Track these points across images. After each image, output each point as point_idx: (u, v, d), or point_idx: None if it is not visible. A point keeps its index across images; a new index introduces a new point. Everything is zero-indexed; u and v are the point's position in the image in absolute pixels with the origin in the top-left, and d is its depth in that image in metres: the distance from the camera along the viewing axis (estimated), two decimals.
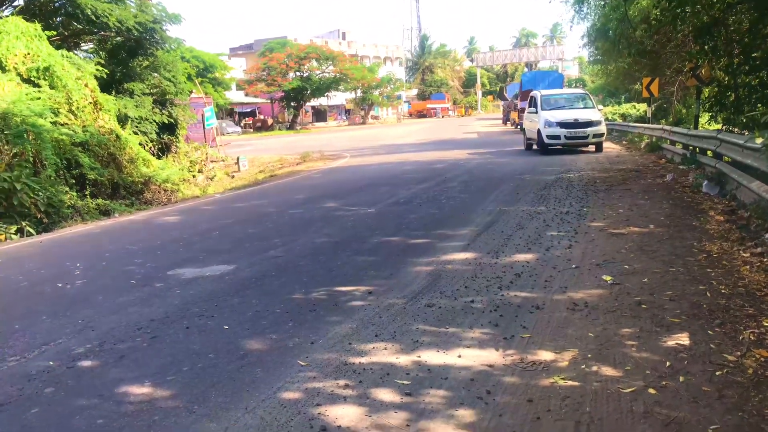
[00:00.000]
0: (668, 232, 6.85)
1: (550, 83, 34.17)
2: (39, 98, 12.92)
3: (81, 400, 3.49)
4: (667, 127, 16.71)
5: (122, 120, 17.66)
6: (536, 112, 19.10)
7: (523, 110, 31.88)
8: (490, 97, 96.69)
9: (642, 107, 27.37)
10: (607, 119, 30.45)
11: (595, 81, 41.02)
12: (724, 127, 13.03)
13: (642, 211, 8.27)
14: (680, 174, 11.91)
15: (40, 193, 11.37)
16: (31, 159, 11.91)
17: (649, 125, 19.79)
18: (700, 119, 16.36)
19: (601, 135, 18.34)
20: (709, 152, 11.51)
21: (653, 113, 21.54)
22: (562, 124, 18.00)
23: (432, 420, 3.00)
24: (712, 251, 5.90)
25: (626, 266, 5.56)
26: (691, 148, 13.30)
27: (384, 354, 3.87)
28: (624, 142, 22.68)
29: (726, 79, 11.90)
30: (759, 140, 6.06)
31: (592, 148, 18.64)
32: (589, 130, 17.93)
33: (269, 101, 63.86)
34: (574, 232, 7.10)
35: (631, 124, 24.66)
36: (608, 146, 21.37)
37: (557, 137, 18.08)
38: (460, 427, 2.92)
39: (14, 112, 11.83)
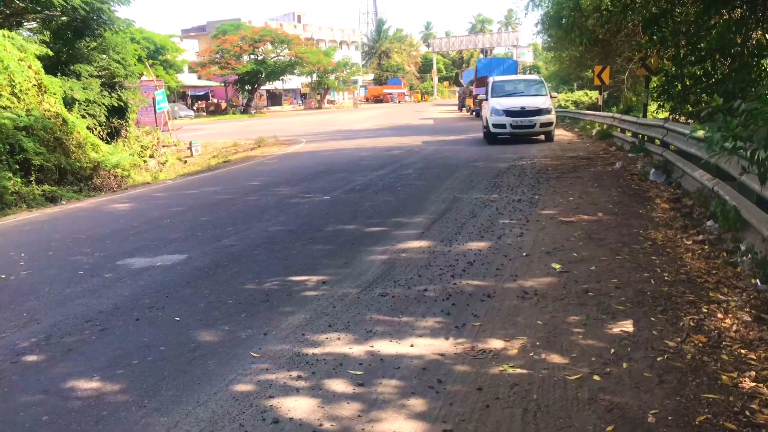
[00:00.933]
0: (616, 220, 7.04)
1: (505, 70, 34.57)
2: None
3: (25, 396, 3.40)
4: (618, 115, 17.09)
5: (69, 103, 17.10)
6: (487, 99, 18.58)
7: (477, 97, 32.20)
8: (446, 83, 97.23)
9: (594, 94, 27.90)
10: (559, 106, 31.03)
11: (548, 68, 41.59)
12: (670, 116, 13.41)
13: (591, 198, 8.47)
14: (629, 162, 12.23)
15: None
16: None
17: (600, 113, 20.18)
18: (648, 108, 16.82)
19: (550, 124, 17.41)
20: (656, 141, 11.84)
21: (604, 101, 21.97)
22: (509, 112, 17.15)
23: (384, 410, 3.04)
24: (657, 239, 6.09)
25: (575, 254, 5.70)
26: (640, 136, 13.65)
27: (337, 344, 3.88)
28: (576, 130, 23.13)
29: (673, 69, 12.22)
30: (700, 132, 6.28)
31: (542, 137, 17.92)
32: (537, 119, 17.04)
33: (223, 85, 62.76)
34: (525, 220, 7.23)
35: (584, 111, 25.14)
36: (560, 133, 21.77)
37: (503, 126, 17.27)
38: (412, 416, 2.97)
39: None
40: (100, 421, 3.07)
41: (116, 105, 20.10)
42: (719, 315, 4.05)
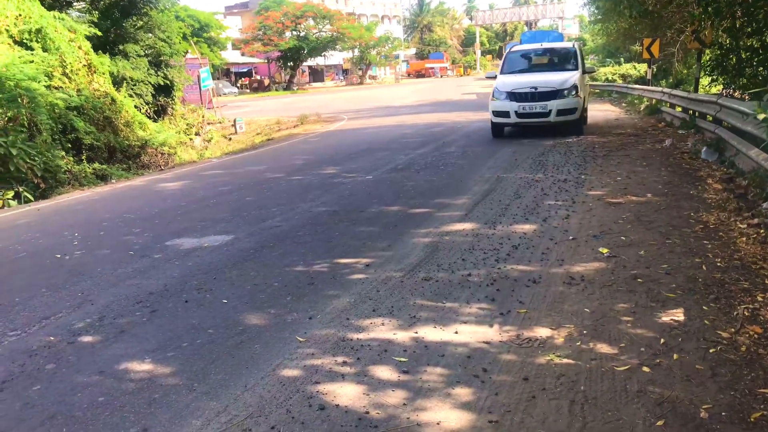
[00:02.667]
0: (665, 202, 6.85)
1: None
2: (32, 61, 12.73)
3: (82, 377, 3.53)
4: (667, 90, 16.54)
5: (117, 82, 17.46)
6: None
7: None
8: (489, 57, 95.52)
9: (642, 68, 27.08)
10: (606, 80, 30.22)
11: (595, 40, 40.42)
12: (724, 91, 12.91)
13: (640, 178, 8.25)
14: (679, 139, 11.86)
15: (36, 158, 11.31)
16: (25, 123, 11.82)
17: (649, 87, 19.57)
18: (700, 82, 16.23)
19: (573, 111, 12.65)
20: (708, 117, 11.43)
21: (653, 75, 21.28)
22: (514, 95, 12.75)
23: (429, 398, 3.05)
24: (709, 222, 5.91)
25: (623, 238, 5.58)
26: (690, 112, 13.20)
27: (382, 330, 3.90)
28: (623, 105, 22.52)
29: (728, 41, 11.72)
30: (761, 116, 6.03)
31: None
32: (553, 103, 12.47)
33: (266, 61, 63.07)
34: (571, 201, 7.10)
35: (631, 85, 24.43)
36: (607, 109, 21.26)
37: (505, 114, 12.91)
38: (457, 406, 2.97)
39: (7, 76, 11.67)
40: (153, 403, 3.16)
41: (162, 83, 20.44)
42: None
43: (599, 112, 19.92)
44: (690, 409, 2.84)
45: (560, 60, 14.39)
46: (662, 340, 3.53)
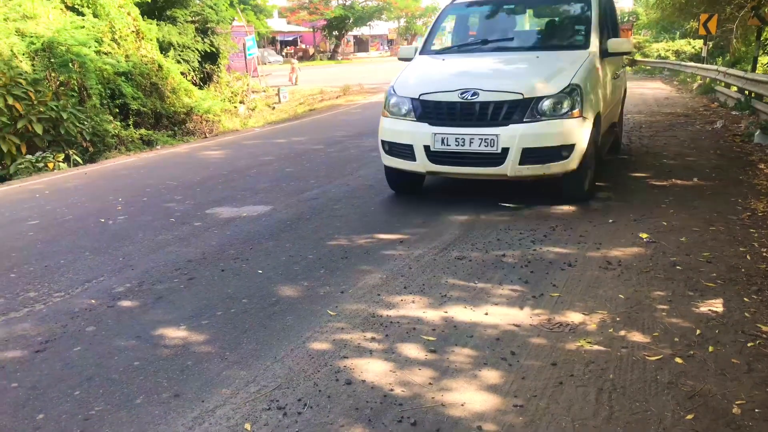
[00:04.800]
0: (712, 186, 6.65)
1: None
2: (83, 27, 12.98)
3: (120, 341, 3.64)
4: (722, 69, 15.94)
5: (165, 49, 17.68)
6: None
7: None
8: None
9: (698, 44, 26.11)
10: (659, 56, 29.23)
11: (649, 15, 39.07)
12: None
13: (686, 161, 8.02)
14: (732, 121, 11.45)
15: (86, 122, 11.62)
16: (76, 88, 12.12)
17: (703, 65, 18.90)
18: (759, 61, 15.57)
19: (558, 153, 5.66)
20: (765, 98, 10.99)
21: (709, 52, 20.51)
22: (427, 108, 5.96)
23: (455, 379, 3.05)
24: (758, 209, 5.72)
25: (664, 222, 5.44)
26: (746, 92, 12.71)
27: (412, 307, 3.91)
28: (675, 83, 21.80)
29: None
30: None
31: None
32: (510, 133, 5.59)
33: (311, 30, 62.95)
34: (613, 183, 6.94)
35: (685, 62, 23.60)
36: (657, 87, 20.63)
37: (405, 151, 6.11)
38: (483, 388, 2.96)
39: (60, 41, 11.95)
40: (185, 370, 3.25)
41: (209, 50, 20.60)
42: None
43: (649, 90, 19.35)
44: (722, 404, 2.78)
45: (556, 27, 7.42)
46: (698, 331, 3.45)
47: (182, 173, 8.93)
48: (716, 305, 3.77)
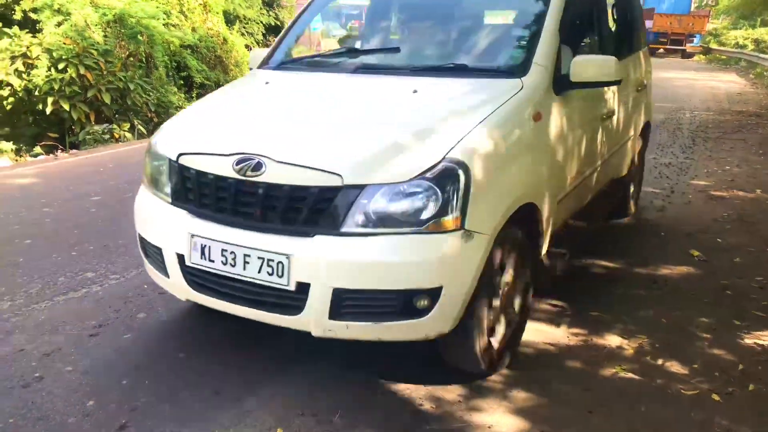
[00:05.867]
0: None
1: (675, 2, 31.05)
2: None
3: (167, 330, 3.81)
4: None
5: (230, 21, 17.96)
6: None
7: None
8: None
9: None
10: (736, 44, 27.88)
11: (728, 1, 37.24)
12: None
13: (752, 169, 7.72)
14: None
15: (151, 93, 11.99)
16: (143, 60, 12.49)
17: None
18: None
19: (407, 308, 2.71)
20: None
21: None
22: (183, 186, 3.09)
23: (485, 399, 3.09)
24: None
25: (719, 240, 5.29)
26: None
27: None
28: (750, 76, 20.78)
29: None
30: None
31: None
32: (302, 254, 2.67)
33: None
34: (670, 191, 6.76)
35: (762, 54, 22.47)
36: (731, 80, 19.72)
37: (156, 257, 3.32)
38: (511, 411, 2.99)
39: (130, 13, 12.32)
40: (227, 367, 3.39)
41: (273, 24, 20.82)
42: None
43: (722, 83, 18.54)
44: None
45: (482, 32, 4.02)
46: (740, 366, 3.37)
47: None
48: (763, 338, 3.68)
